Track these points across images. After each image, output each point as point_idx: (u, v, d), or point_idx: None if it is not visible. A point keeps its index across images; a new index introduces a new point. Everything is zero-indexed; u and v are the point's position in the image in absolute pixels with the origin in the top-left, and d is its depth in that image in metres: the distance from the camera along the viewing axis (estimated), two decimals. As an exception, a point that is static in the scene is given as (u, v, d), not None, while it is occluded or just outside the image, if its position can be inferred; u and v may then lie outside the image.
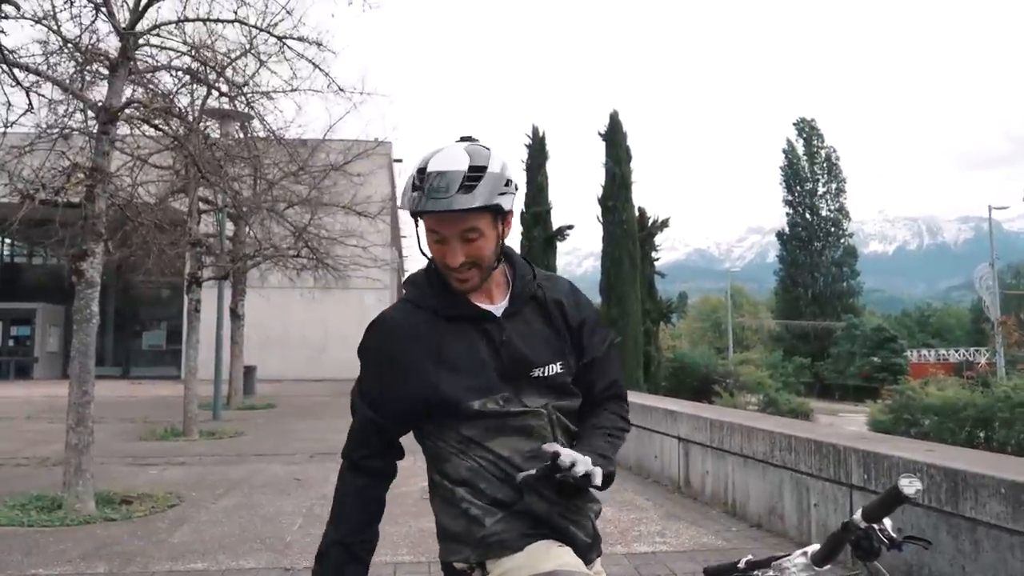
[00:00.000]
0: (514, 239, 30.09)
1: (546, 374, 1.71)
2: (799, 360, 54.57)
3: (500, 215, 1.65)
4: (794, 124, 69.65)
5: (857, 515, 1.51)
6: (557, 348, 1.74)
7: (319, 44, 9.62)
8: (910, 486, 1.42)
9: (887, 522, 1.50)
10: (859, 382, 50.04)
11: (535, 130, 32.35)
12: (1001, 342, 12.99)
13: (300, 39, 9.67)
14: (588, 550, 1.69)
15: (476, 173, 1.56)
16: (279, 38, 9.39)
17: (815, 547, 1.58)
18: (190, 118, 10.36)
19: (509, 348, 1.69)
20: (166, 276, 14.83)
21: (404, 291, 1.82)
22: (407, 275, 1.88)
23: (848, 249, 66.75)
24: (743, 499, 6.30)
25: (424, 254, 1.71)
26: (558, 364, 1.73)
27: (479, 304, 1.72)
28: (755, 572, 1.65)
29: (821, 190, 66.90)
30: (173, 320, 26.40)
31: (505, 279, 1.76)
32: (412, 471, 8.51)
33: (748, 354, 46.75)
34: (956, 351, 50.06)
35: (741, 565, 1.66)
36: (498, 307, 1.73)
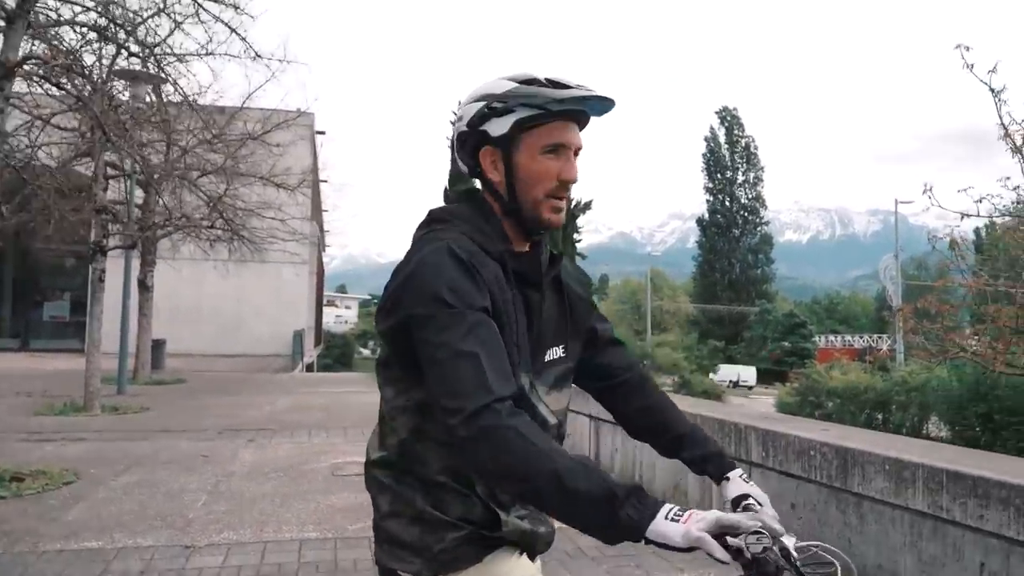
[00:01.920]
0: (436, 217, 29.97)
1: (552, 358, 1.56)
2: (713, 343, 56.06)
3: None
4: (717, 112, 71.20)
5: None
6: (562, 331, 1.60)
7: (236, 7, 9.36)
8: (757, 544, 1.30)
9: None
10: (770, 365, 51.78)
11: (460, 106, 32.20)
12: (899, 329, 13.66)
13: (216, 0, 9.37)
14: (548, 543, 1.58)
15: None
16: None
17: None
18: (96, 78, 9.93)
19: (541, 324, 1.53)
20: (67, 244, 14.22)
21: (442, 224, 1.51)
22: (441, 208, 1.57)
23: (764, 237, 68.77)
24: (649, 476, 6.43)
25: (487, 178, 1.51)
26: (560, 348, 1.60)
27: None
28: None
29: (740, 178, 68.66)
30: (77, 291, 25.27)
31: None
32: (323, 448, 8.41)
33: (665, 336, 47.75)
34: (861, 337, 52.23)
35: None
36: None
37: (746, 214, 67.87)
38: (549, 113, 1.44)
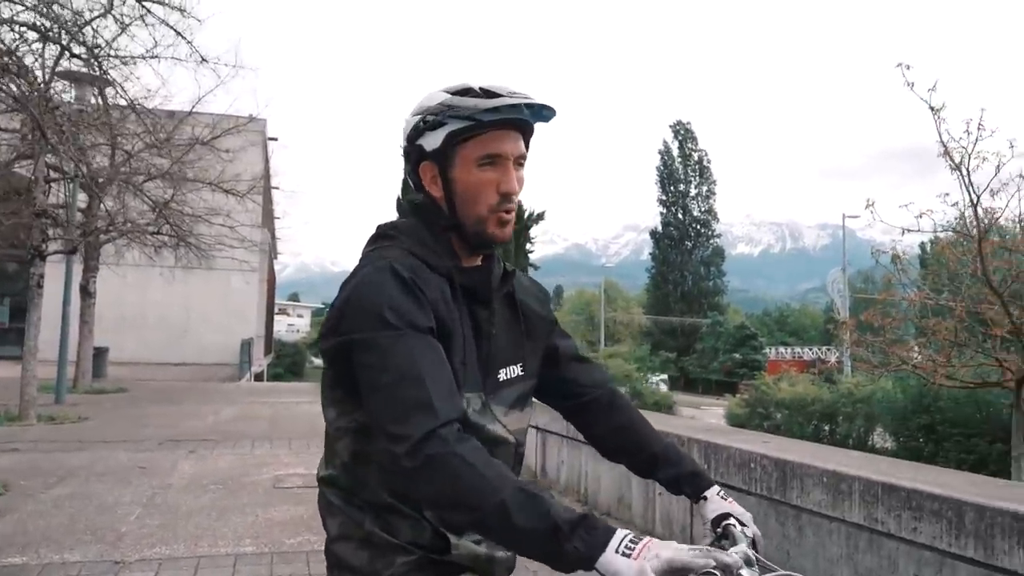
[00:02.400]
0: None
1: (508, 376, 1.51)
2: (666, 354, 56.62)
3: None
4: (671, 126, 72.18)
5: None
6: (519, 350, 1.56)
7: (182, 10, 9.20)
8: None
9: None
10: (721, 377, 52.45)
11: (416, 116, 32.04)
12: (846, 341, 14.00)
13: (162, 3, 9.21)
14: (509, 569, 1.51)
15: None
16: (139, 1, 8.90)
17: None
18: (38, 79, 9.67)
19: (493, 341, 1.49)
20: (5, 248, 13.81)
21: (387, 240, 1.46)
22: (388, 224, 1.51)
23: (716, 250, 69.75)
24: (595, 488, 6.42)
25: (429, 193, 1.46)
26: (518, 367, 1.55)
27: None
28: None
29: (693, 191, 69.59)
30: (19, 296, 24.56)
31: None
32: (265, 459, 8.22)
33: (618, 348, 48.02)
34: (810, 349, 53.11)
35: (719, 529, 1.58)
36: None
37: (699, 227, 68.78)
38: (480, 124, 1.39)
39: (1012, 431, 9.18)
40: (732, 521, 1.51)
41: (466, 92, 1.39)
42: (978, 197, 9.22)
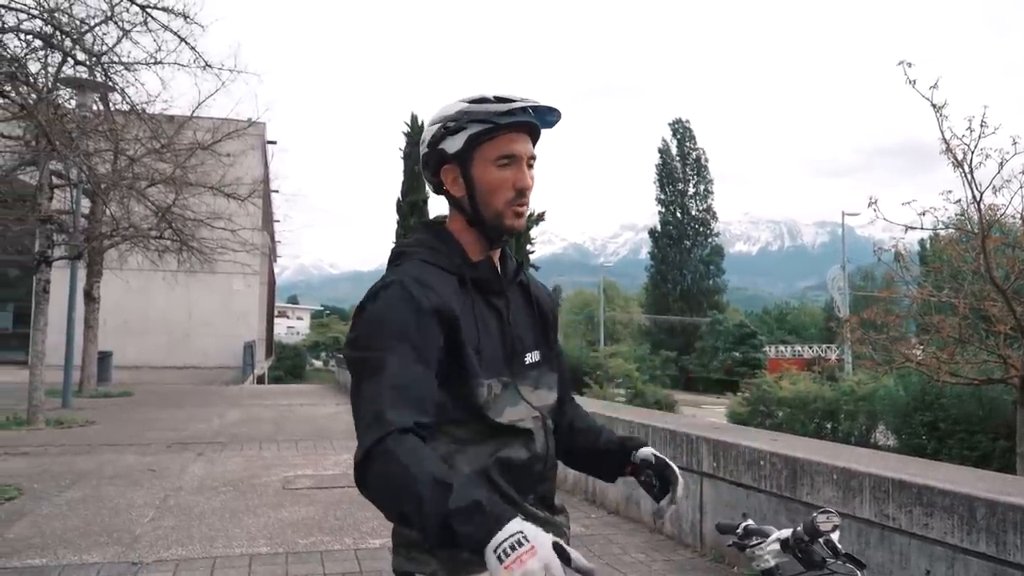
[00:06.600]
0: (389, 228, 29.70)
1: (531, 360, 1.64)
2: (666, 353, 56.60)
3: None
4: (670, 125, 71.92)
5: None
6: (537, 337, 1.69)
7: (185, 16, 9.25)
8: (827, 523, 1.57)
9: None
10: (721, 375, 52.36)
11: (414, 118, 31.98)
12: (847, 339, 14.03)
13: (165, 9, 9.26)
14: None
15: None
16: (142, 7, 8.95)
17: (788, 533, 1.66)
18: (41, 85, 9.72)
19: (513, 327, 1.62)
20: (11, 254, 13.86)
21: (403, 257, 1.59)
22: (400, 244, 1.66)
23: (715, 248, 69.56)
24: (603, 488, 6.46)
25: (451, 194, 1.59)
26: (538, 352, 1.67)
27: None
28: (748, 540, 1.73)
29: (692, 190, 69.36)
30: (22, 301, 24.63)
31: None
32: (274, 461, 8.26)
33: (618, 347, 47.98)
34: (810, 347, 52.99)
35: (739, 530, 1.75)
36: None
37: (697, 225, 68.60)
38: (497, 127, 1.53)
39: (1016, 427, 9.20)
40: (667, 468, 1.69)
41: (483, 100, 1.55)
42: (981, 194, 9.23)
